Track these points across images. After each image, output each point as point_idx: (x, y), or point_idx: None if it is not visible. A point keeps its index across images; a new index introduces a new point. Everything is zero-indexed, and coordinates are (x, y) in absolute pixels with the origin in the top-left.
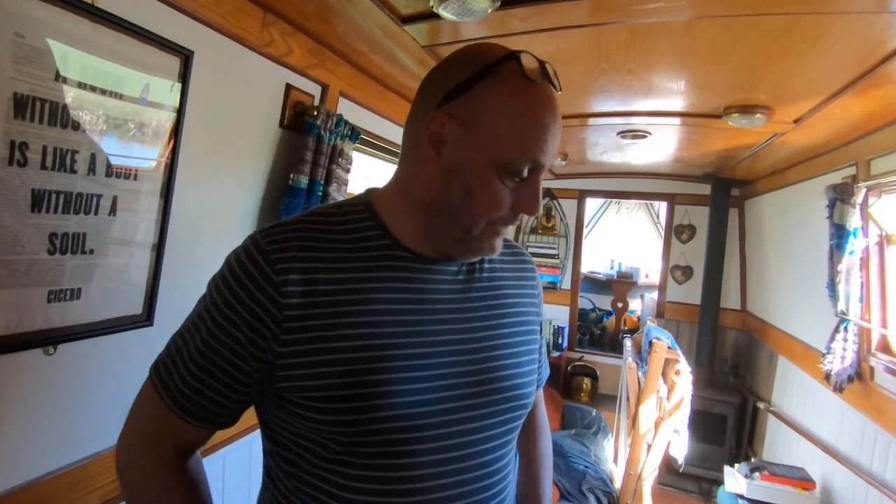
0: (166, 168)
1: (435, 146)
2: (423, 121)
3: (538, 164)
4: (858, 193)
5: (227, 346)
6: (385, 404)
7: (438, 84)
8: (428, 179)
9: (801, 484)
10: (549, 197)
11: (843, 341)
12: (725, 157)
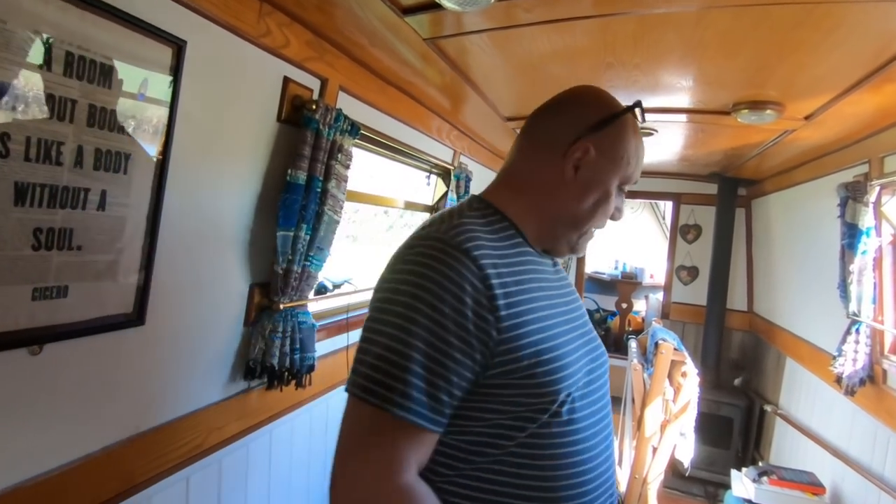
0: (158, 162)
1: (575, 168)
2: (561, 147)
3: (635, 182)
4: (872, 192)
5: (456, 346)
6: (566, 375)
7: (577, 119)
8: (564, 194)
9: (811, 489)
10: None
11: (855, 343)
12: (733, 156)
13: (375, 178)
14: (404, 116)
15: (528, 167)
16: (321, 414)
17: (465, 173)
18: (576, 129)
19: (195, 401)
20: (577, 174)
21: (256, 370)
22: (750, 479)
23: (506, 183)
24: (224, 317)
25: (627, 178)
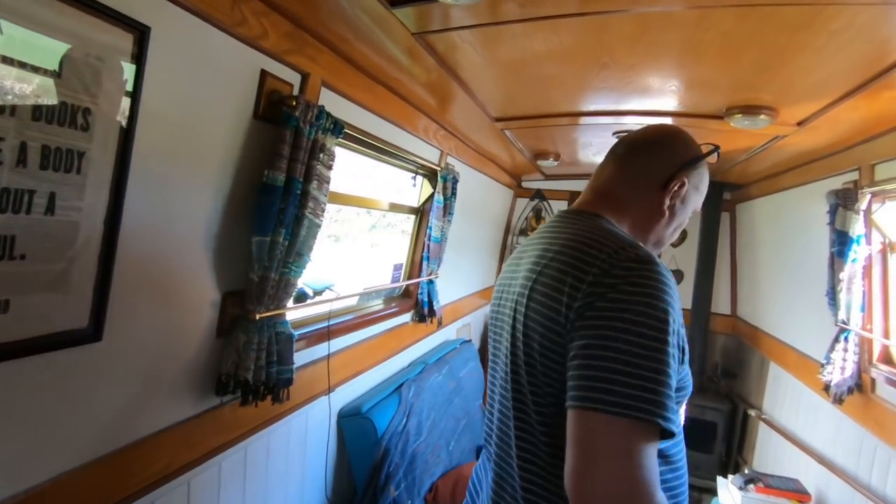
0: (118, 161)
1: (671, 198)
2: (660, 180)
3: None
4: (863, 199)
5: (677, 357)
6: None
7: (675, 156)
8: (658, 219)
9: (797, 496)
10: (539, 198)
11: (844, 351)
12: (721, 161)
13: (358, 178)
14: (390, 115)
15: (630, 195)
16: (300, 427)
17: (453, 174)
18: (674, 165)
19: (161, 419)
20: (670, 202)
21: (229, 385)
22: (736, 487)
23: (608, 205)
24: (194, 328)
25: (699, 205)
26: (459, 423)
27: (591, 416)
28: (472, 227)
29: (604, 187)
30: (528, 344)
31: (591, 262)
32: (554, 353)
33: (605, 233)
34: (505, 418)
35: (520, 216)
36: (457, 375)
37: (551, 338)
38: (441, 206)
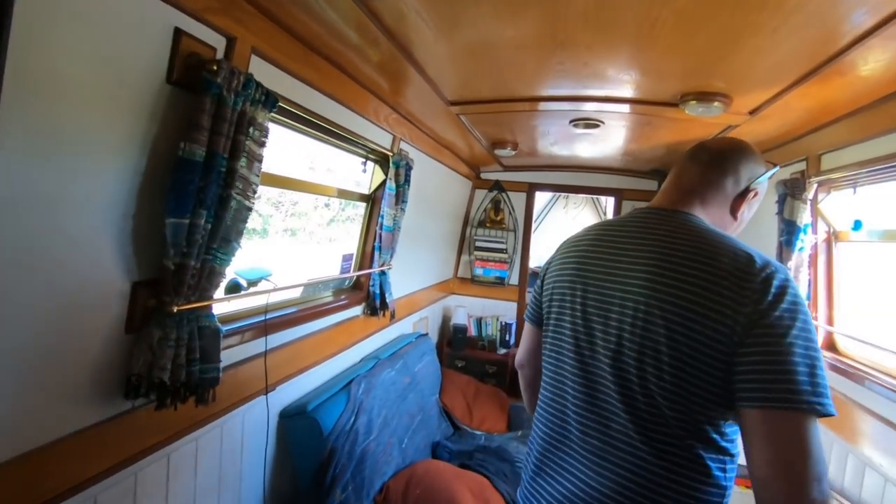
0: None
1: (741, 205)
2: (737, 189)
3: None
4: (809, 189)
5: None
6: None
7: (751, 171)
8: (732, 223)
9: (744, 482)
10: (498, 189)
11: None
12: (674, 151)
13: (317, 171)
14: (337, 93)
15: (715, 198)
16: (234, 430)
17: (406, 161)
18: (749, 179)
19: (58, 428)
20: (741, 209)
21: (140, 387)
22: None
23: (696, 205)
24: (96, 324)
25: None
26: (413, 420)
27: (810, 416)
28: (429, 219)
29: (692, 188)
30: (671, 346)
31: (746, 274)
32: (713, 359)
33: (731, 240)
34: (601, 407)
35: (478, 208)
36: (411, 370)
37: (713, 344)
38: (393, 193)
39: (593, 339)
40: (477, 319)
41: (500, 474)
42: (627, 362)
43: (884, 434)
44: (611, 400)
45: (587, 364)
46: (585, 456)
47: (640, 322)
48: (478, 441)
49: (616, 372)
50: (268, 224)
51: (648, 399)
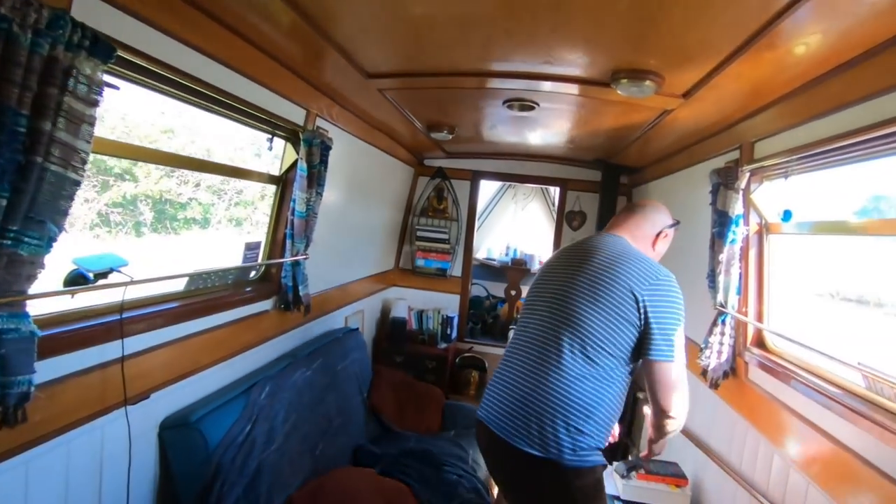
0: None
1: (660, 241)
2: (652, 234)
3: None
4: (742, 178)
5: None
6: None
7: (664, 219)
8: (651, 251)
9: (675, 481)
10: (441, 177)
11: (721, 335)
12: (615, 138)
13: (185, 123)
14: (214, 51)
15: (642, 234)
16: (86, 450)
17: (322, 139)
18: (664, 224)
19: None
20: (656, 244)
21: None
22: (619, 475)
23: (633, 238)
24: None
25: (665, 250)
26: (332, 424)
27: (665, 362)
28: (365, 206)
29: (630, 226)
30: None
31: (649, 272)
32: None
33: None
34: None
35: (420, 196)
36: (333, 369)
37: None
38: (305, 174)
39: (560, 301)
40: (418, 312)
41: (423, 480)
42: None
43: (808, 435)
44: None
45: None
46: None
47: (599, 297)
48: (407, 443)
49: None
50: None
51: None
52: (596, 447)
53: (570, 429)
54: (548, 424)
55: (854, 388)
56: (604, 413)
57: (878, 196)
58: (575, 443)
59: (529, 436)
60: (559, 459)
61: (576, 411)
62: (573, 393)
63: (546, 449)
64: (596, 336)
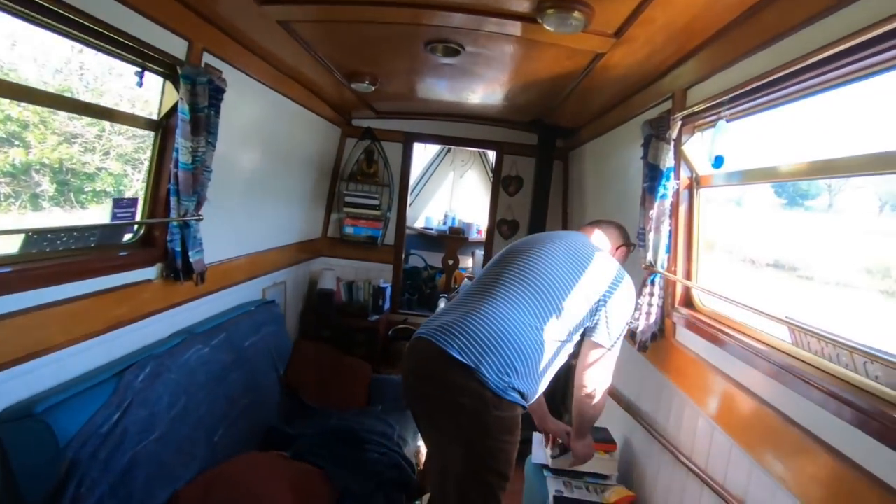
0: None
1: (619, 254)
2: (612, 247)
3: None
4: (674, 127)
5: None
6: None
7: (622, 237)
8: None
9: (604, 446)
10: (370, 138)
11: (650, 296)
12: (550, 93)
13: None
14: None
15: (604, 245)
16: None
17: (210, 79)
18: (620, 240)
19: None
20: (616, 257)
21: None
22: (551, 458)
23: (600, 244)
24: None
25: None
26: (236, 406)
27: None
28: (287, 168)
29: (595, 234)
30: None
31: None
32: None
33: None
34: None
35: (348, 158)
36: (238, 346)
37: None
38: (187, 118)
39: (527, 268)
40: (348, 284)
41: (339, 461)
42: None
43: (733, 395)
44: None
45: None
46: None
47: (576, 279)
48: (328, 421)
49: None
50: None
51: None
52: (520, 391)
53: (504, 360)
54: (486, 348)
55: (780, 345)
56: (539, 365)
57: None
58: (503, 374)
59: (464, 349)
60: (485, 380)
61: (515, 349)
62: (520, 334)
63: (477, 365)
64: (560, 304)
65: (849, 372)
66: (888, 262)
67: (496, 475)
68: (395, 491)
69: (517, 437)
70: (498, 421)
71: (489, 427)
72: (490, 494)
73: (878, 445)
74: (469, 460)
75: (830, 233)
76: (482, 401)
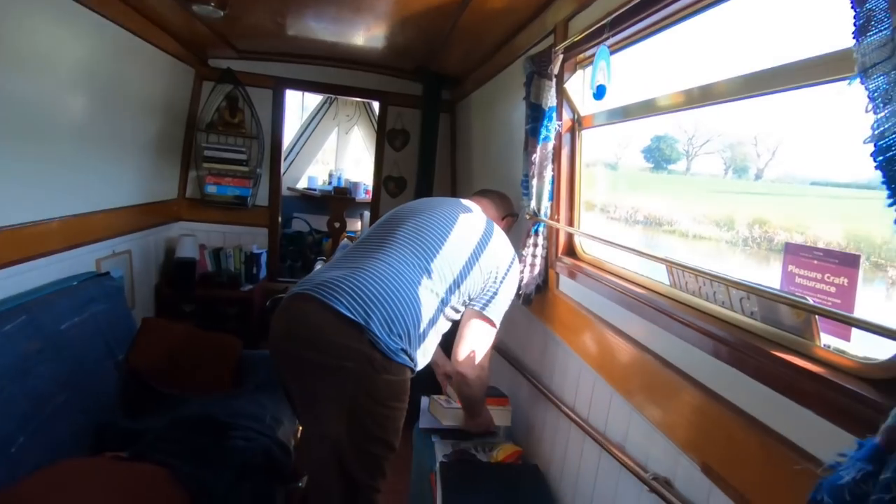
0: None
1: (503, 224)
2: (498, 217)
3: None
4: (555, 61)
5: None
6: None
7: (507, 207)
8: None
9: (497, 401)
10: (232, 82)
11: (534, 247)
12: (429, 33)
13: None
14: None
15: (490, 214)
16: None
17: None
18: (506, 211)
19: None
20: (502, 226)
21: None
22: (441, 404)
23: (486, 212)
24: None
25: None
26: (47, 405)
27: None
28: (119, 113)
29: (483, 204)
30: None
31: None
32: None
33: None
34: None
35: (206, 105)
36: (50, 330)
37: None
38: None
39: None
40: (214, 251)
41: (193, 456)
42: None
43: (613, 343)
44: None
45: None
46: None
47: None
48: (185, 409)
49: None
50: None
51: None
52: (409, 353)
53: (395, 318)
54: (376, 305)
55: (658, 288)
56: (430, 328)
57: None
58: (393, 334)
59: (352, 305)
60: (375, 340)
61: (407, 308)
62: (413, 294)
63: (367, 322)
64: (454, 271)
65: (725, 310)
66: (732, 216)
67: (383, 445)
68: (265, 480)
69: (405, 402)
70: (387, 385)
71: (378, 392)
72: (376, 468)
73: (748, 380)
74: (354, 431)
75: (688, 192)
76: (370, 363)
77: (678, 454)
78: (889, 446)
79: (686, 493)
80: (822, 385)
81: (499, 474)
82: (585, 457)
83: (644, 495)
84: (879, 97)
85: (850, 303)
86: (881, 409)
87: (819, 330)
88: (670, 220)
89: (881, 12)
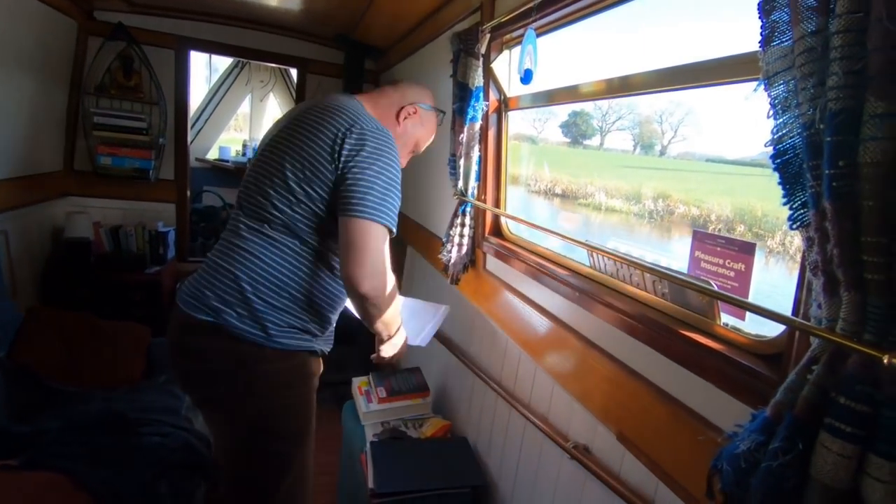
0: None
1: (402, 118)
2: (398, 104)
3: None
4: (483, 40)
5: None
6: None
7: (415, 93)
8: (394, 122)
9: (417, 395)
10: (126, 39)
11: (461, 227)
12: (347, 10)
13: None
14: None
15: (386, 103)
16: None
17: None
18: (416, 99)
19: None
20: (402, 116)
21: None
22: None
23: (373, 104)
24: None
25: (422, 141)
26: None
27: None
28: None
29: (375, 95)
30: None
31: (359, 121)
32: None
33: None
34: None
35: (93, 64)
36: None
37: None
38: None
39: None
40: (112, 230)
41: (100, 458)
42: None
43: (537, 321)
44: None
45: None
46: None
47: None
48: (87, 406)
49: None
50: None
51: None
52: (292, 327)
53: (252, 298)
54: (224, 293)
55: (580, 269)
56: (300, 291)
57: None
58: (256, 317)
59: (197, 303)
60: (234, 331)
61: (263, 282)
62: (256, 266)
63: (217, 314)
64: (277, 208)
65: (639, 290)
66: (639, 191)
67: (283, 440)
68: (184, 476)
69: (308, 385)
70: (267, 377)
71: (255, 387)
72: (283, 465)
73: (659, 356)
74: (242, 435)
75: (602, 167)
76: (235, 359)
77: (596, 423)
78: (777, 418)
79: (603, 458)
80: (721, 361)
81: (429, 449)
82: (511, 428)
83: (565, 462)
84: (779, 104)
85: (746, 286)
86: (771, 383)
87: (720, 310)
88: (585, 193)
89: (784, 24)
